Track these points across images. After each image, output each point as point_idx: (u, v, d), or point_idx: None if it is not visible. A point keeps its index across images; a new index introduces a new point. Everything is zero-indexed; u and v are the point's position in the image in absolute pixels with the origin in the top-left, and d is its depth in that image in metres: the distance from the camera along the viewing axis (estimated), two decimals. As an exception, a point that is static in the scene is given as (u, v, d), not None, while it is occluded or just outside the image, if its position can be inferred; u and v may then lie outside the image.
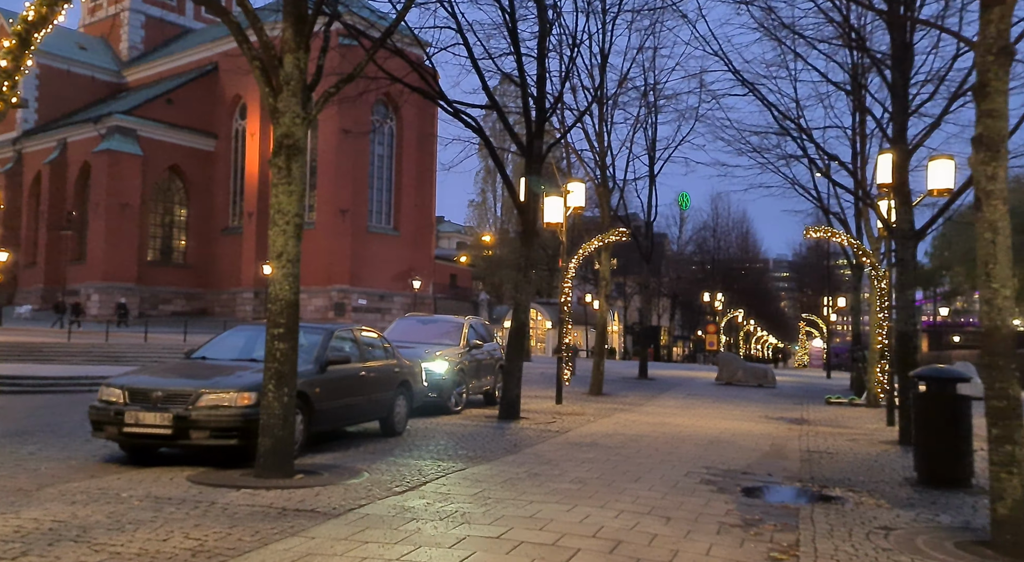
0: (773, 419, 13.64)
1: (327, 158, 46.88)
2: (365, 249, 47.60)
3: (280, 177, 6.77)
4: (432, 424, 10.92)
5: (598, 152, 17.48)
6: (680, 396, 17.76)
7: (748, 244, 61.05)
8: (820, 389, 22.13)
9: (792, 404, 16.93)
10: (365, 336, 9.50)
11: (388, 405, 9.40)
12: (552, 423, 11.55)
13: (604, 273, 17.15)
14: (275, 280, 6.72)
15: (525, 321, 12.00)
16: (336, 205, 46.48)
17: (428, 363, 12.00)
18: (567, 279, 14.85)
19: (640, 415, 13.34)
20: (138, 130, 46.82)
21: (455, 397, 12.39)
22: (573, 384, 19.18)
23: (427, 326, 13.78)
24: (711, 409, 15.01)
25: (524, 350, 11.98)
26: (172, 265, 49.85)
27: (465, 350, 13.04)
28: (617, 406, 14.82)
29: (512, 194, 11.89)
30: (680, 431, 11.16)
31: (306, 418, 7.53)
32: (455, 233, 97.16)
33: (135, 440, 6.84)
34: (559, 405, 14.42)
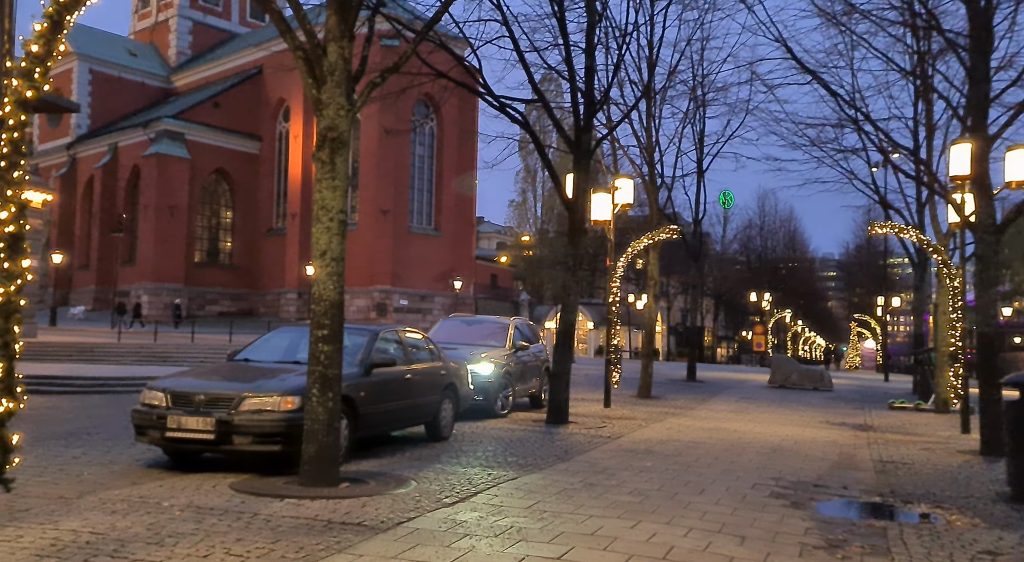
0: (835, 425, 12.98)
1: (369, 158, 47.08)
2: (406, 249, 47.68)
3: (324, 172, 6.49)
4: (478, 428, 10.58)
5: (645, 148, 16.95)
6: (732, 400, 17.12)
7: (796, 243, 59.45)
8: (880, 393, 21.19)
9: (853, 409, 16.17)
10: (410, 337, 9.20)
11: (434, 409, 9.09)
12: (602, 428, 11.11)
13: (652, 272, 16.61)
14: (319, 280, 6.44)
15: (573, 322, 11.59)
16: (378, 205, 46.65)
17: (473, 365, 11.67)
18: (615, 278, 14.38)
19: (693, 420, 12.81)
20: (186, 134, 47.69)
21: (501, 400, 12.04)
22: (620, 386, 18.68)
23: (472, 327, 13.46)
24: (767, 414, 14.38)
25: (572, 352, 11.55)
26: (218, 266, 50.67)
27: (511, 352, 12.68)
28: (668, 410, 14.30)
29: (559, 191, 11.48)
30: (739, 437, 10.61)
31: (351, 423, 7.25)
32: (495, 233, 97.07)
33: (178, 445, 6.64)
34: (607, 409, 13.96)
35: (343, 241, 6.52)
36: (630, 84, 16.38)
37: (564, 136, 11.54)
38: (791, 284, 56.68)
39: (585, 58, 11.50)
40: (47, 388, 14.36)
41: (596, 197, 13.91)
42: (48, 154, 56.09)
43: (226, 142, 49.92)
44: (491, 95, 11.20)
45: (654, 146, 17.18)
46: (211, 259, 50.61)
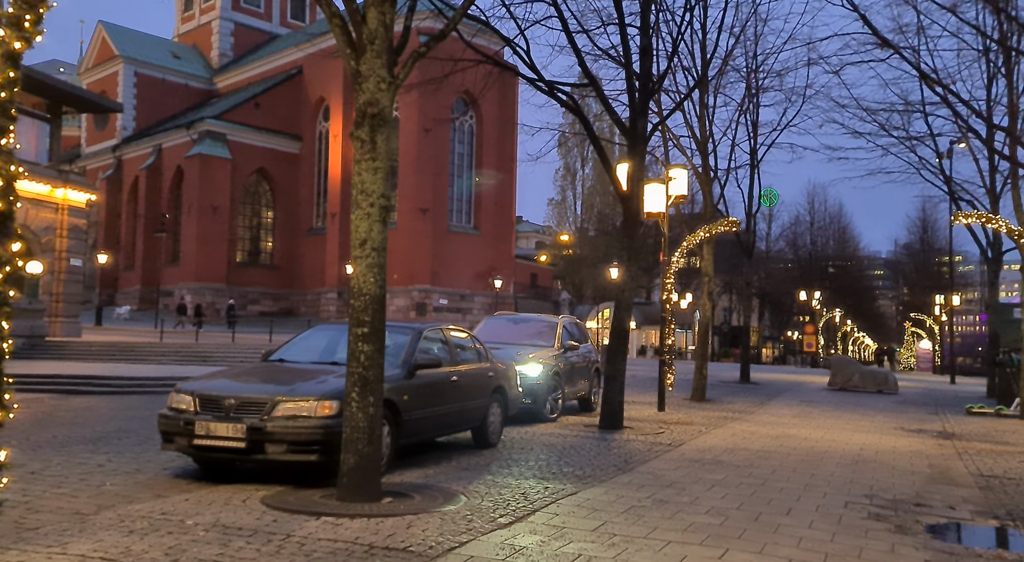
0: (912, 432, 11.96)
1: (408, 156, 46.79)
2: (446, 248, 47.27)
3: (363, 152, 5.86)
4: (528, 434, 9.89)
5: (699, 138, 16.05)
6: (793, 403, 16.12)
7: (845, 240, 57.43)
8: (950, 396, 19.89)
9: (926, 413, 15.04)
10: (456, 337, 8.55)
11: (481, 413, 8.42)
12: (660, 434, 10.32)
13: (707, 269, 15.71)
14: (358, 272, 5.82)
15: (628, 321, 10.81)
16: (417, 204, 46.32)
17: (521, 366, 10.97)
18: (670, 275, 13.54)
19: (756, 425, 11.91)
20: (227, 134, 48.02)
21: (551, 403, 11.33)
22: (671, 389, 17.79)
23: (518, 326, 12.77)
24: (835, 419, 13.39)
25: (626, 353, 10.78)
26: (259, 266, 50.96)
27: (560, 352, 11.96)
28: (726, 414, 13.41)
29: (613, 180, 10.72)
30: (811, 446, 9.72)
31: (393, 430, 6.62)
32: (533, 233, 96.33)
33: (207, 453, 6.07)
34: (662, 413, 13.14)
35: (385, 229, 5.89)
36: (683, 71, 15.52)
37: (617, 121, 10.78)
38: (842, 282, 54.71)
39: (640, 38, 10.72)
40: (86, 388, 14.13)
41: (649, 188, 13.10)
42: (95, 156, 57.18)
43: (267, 142, 50.17)
44: (539, 78, 10.49)
45: (708, 136, 16.28)
46: (252, 259, 50.91)
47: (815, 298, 44.57)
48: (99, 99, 29.51)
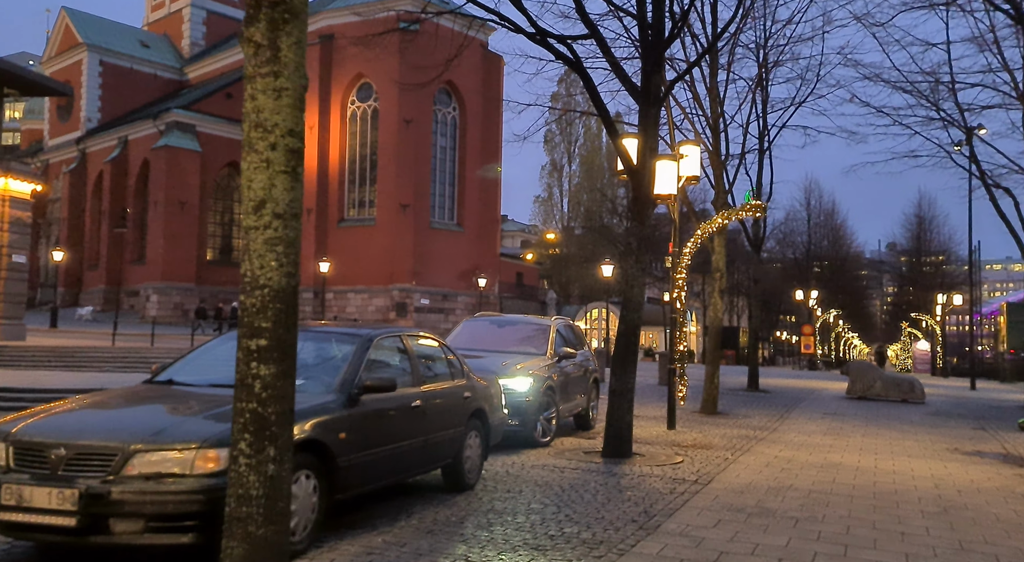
0: (970, 455, 10.05)
1: (388, 150, 44.61)
2: (428, 246, 45.15)
3: (259, 63, 3.77)
4: (516, 466, 7.84)
5: (710, 114, 14.11)
6: (816, 416, 14.19)
7: (840, 238, 55.89)
8: (983, 406, 18.07)
9: (970, 429, 13.16)
10: (421, 346, 6.48)
11: (455, 447, 6.37)
12: (678, 464, 8.32)
13: (719, 263, 13.75)
14: (253, 253, 3.73)
15: (638, 323, 8.79)
16: (397, 200, 44.16)
17: (507, 379, 8.95)
18: (681, 269, 11.54)
19: (788, 448, 9.94)
20: (197, 126, 45.59)
21: (543, 424, 9.30)
22: (675, 399, 15.81)
23: (503, 330, 10.73)
24: (873, 438, 11.45)
25: (635, 361, 8.76)
26: (232, 264, 48.53)
27: (553, 361, 9.93)
28: (746, 432, 11.44)
29: (620, 151, 8.71)
30: (872, 481, 7.75)
31: (323, 483, 4.56)
32: (519, 232, 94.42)
33: (21, 534, 3.95)
34: (672, 431, 11.16)
35: (297, 185, 3.77)
36: (691, 38, 13.53)
37: (625, 79, 8.76)
38: (838, 282, 53.14)
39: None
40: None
41: (660, 165, 11.08)
42: (59, 149, 54.47)
43: (240, 134, 47.65)
44: (533, 25, 8.44)
45: (720, 113, 14.33)
46: (224, 257, 48.50)
47: (812, 297, 42.88)
48: (45, 81, 27.10)
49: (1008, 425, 13.56)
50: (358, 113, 46.50)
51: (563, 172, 73.77)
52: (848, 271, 57.73)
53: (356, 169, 46.46)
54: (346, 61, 45.21)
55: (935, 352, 44.51)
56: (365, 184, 46.25)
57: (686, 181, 11.68)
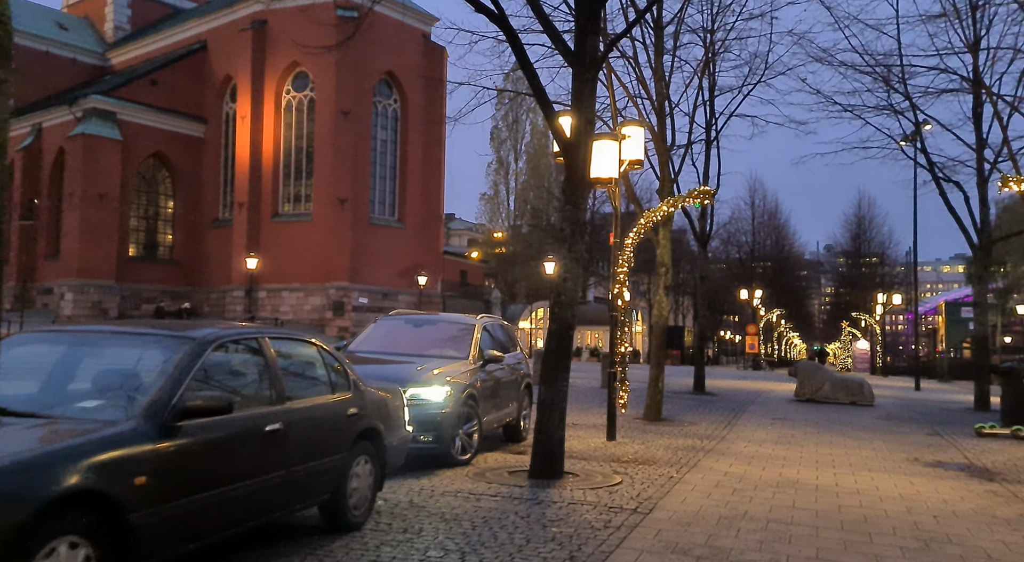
0: (932, 466, 9.20)
1: (325, 142, 42.68)
2: (367, 243, 43.39)
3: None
4: (423, 493, 6.55)
5: (655, 97, 13.06)
6: (766, 422, 13.30)
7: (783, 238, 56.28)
8: (933, 408, 17.55)
9: (926, 435, 12.43)
10: (290, 351, 5.12)
11: (335, 477, 5.04)
12: (616, 486, 7.16)
13: (664, 257, 12.71)
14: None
15: (572, 322, 7.60)
16: (335, 194, 42.28)
17: (419, 389, 7.66)
18: (623, 262, 10.42)
19: (739, 462, 8.92)
20: (118, 113, 42.77)
21: (463, 440, 8.02)
22: (618, 404, 14.75)
23: (421, 330, 9.42)
24: (828, 447, 10.55)
25: (568, 366, 7.57)
26: (157, 261, 45.82)
27: (477, 365, 8.67)
28: (693, 442, 10.40)
29: (552, 126, 7.51)
30: (836, 504, 6.73)
31: (102, 551, 3.17)
32: (466, 230, 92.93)
33: None
34: (613, 442, 10.04)
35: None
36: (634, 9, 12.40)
37: (556, 38, 7.57)
38: (781, 282, 53.45)
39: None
40: None
41: (599, 146, 9.94)
42: (-32, 137, 50.58)
43: (166, 123, 45.06)
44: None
45: (665, 94, 13.30)
46: (148, 253, 45.73)
47: (756, 297, 42.75)
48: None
49: (962, 430, 12.89)
50: (294, 103, 44.41)
51: (510, 170, 72.65)
52: (790, 271, 58.22)
53: (291, 162, 44.37)
54: (281, 49, 43.10)
55: (875, 351, 44.93)
56: (301, 177, 44.20)
57: (629, 165, 10.58)
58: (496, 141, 71.49)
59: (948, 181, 16.23)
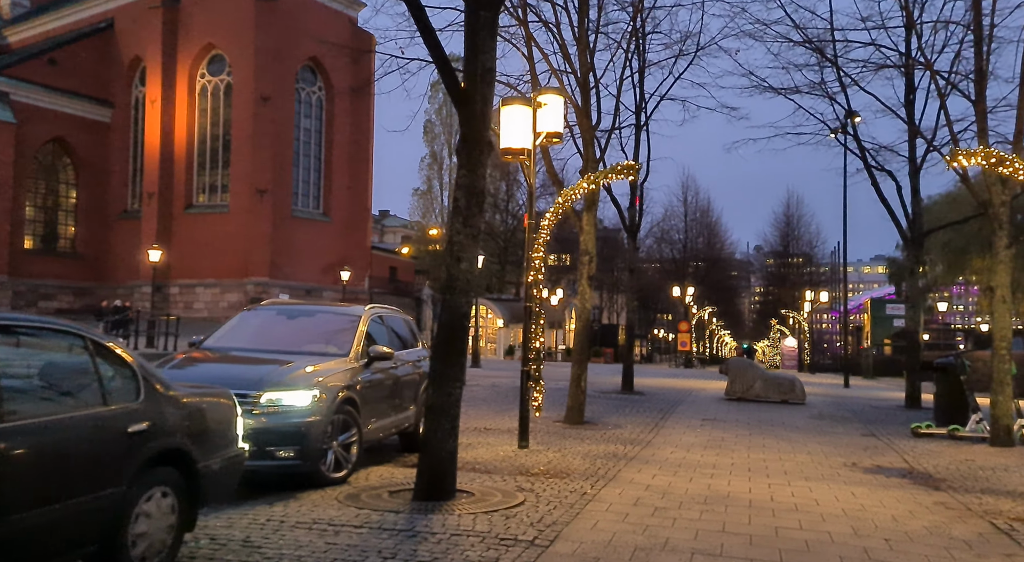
0: (873, 472, 8.34)
1: (243, 130, 40.34)
2: (289, 236, 41.26)
3: None
4: (268, 525, 5.17)
5: (579, 68, 11.93)
6: (695, 424, 12.35)
7: (715, 236, 56.59)
8: (863, 405, 17.05)
9: (860, 434, 11.69)
10: (30, 345, 3.67)
11: (105, 521, 3.62)
12: (516, 508, 5.94)
13: (588, 244, 11.59)
14: None
15: (465, 311, 6.33)
16: (253, 184, 40.00)
17: (279, 392, 6.27)
18: (538, 248, 9.23)
19: (664, 471, 7.84)
20: (11, 94, 39.35)
21: (337, 453, 6.65)
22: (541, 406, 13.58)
23: (295, 322, 8.00)
24: (760, 451, 9.62)
25: (462, 364, 6.30)
26: (57, 255, 42.49)
27: (360, 364, 7.31)
28: (615, 448, 9.30)
29: (442, 71, 6.20)
30: (771, 525, 5.68)
31: None
32: (401, 227, 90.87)
33: None
34: (525, 450, 8.84)
35: None
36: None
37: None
38: (713, 279, 53.64)
39: None
40: None
41: (510, 112, 8.73)
42: None
43: (67, 106, 41.78)
44: None
45: (590, 66, 12.20)
46: (47, 246, 42.36)
47: (688, 294, 42.52)
48: None
49: (897, 429, 12.23)
50: (209, 88, 41.84)
51: (443, 165, 71.21)
52: (721, 269, 58.62)
53: (207, 150, 41.80)
54: (195, 29, 40.52)
55: (802, 348, 45.40)
56: (217, 167, 41.68)
57: (547, 138, 9.39)
58: (429, 135, 69.87)
59: (881, 170, 15.78)
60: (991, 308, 10.22)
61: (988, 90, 10.55)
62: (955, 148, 7.73)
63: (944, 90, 11.15)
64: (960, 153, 7.44)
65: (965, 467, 8.81)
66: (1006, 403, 9.80)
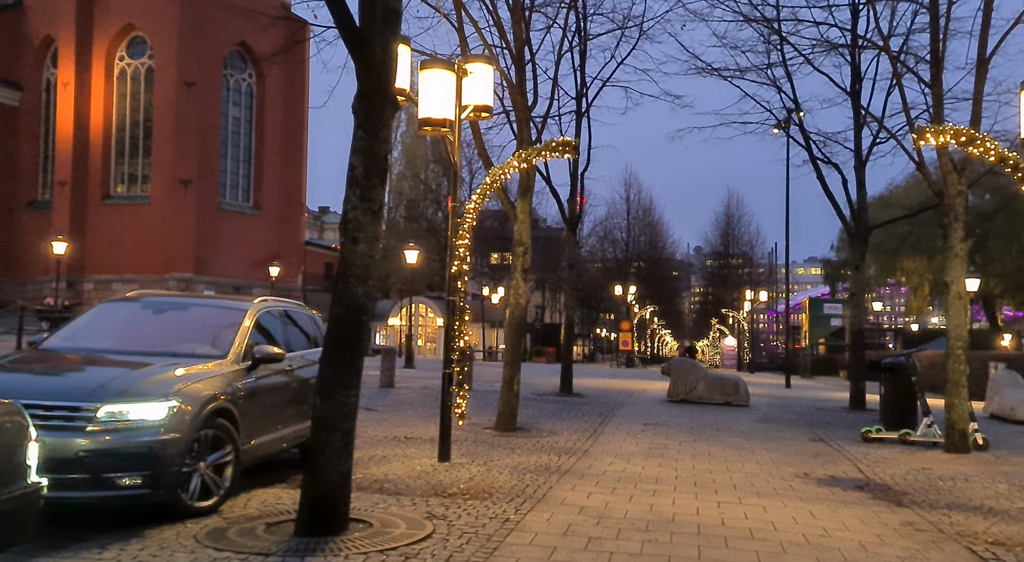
0: (828, 484, 7.57)
1: (165, 117, 38.03)
2: (216, 230, 39.12)
3: None
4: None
5: (513, 41, 10.91)
6: (636, 429, 11.47)
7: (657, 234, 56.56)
8: (806, 407, 16.53)
9: (808, 440, 11.00)
10: None
11: None
12: (420, 544, 4.87)
13: (522, 234, 10.56)
14: None
15: (361, 302, 5.19)
16: (176, 175, 37.73)
17: (123, 405, 5.03)
18: (463, 233, 8.15)
19: (601, 488, 6.87)
20: None
21: (206, 478, 5.42)
22: (469, 409, 12.50)
23: (163, 317, 6.71)
24: (706, 461, 8.77)
25: (357, 368, 5.15)
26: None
27: (242, 367, 6.10)
28: (548, 460, 8.31)
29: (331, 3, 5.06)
30: (727, 559, 4.73)
31: None
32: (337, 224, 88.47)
33: None
34: (446, 464, 7.76)
35: None
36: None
37: None
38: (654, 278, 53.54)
39: None
40: None
41: (429, 77, 7.63)
42: None
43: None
44: None
45: (525, 40, 11.18)
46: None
47: (630, 293, 42.08)
48: None
49: (845, 433, 11.61)
50: (128, 71, 39.31)
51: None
52: (663, 269, 58.71)
53: (126, 137, 39.27)
54: (113, 8, 37.98)
55: (742, 348, 45.56)
56: (137, 155, 39.21)
57: (475, 112, 8.31)
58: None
59: (827, 162, 15.31)
60: (946, 304, 9.63)
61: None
62: (923, 125, 7.03)
63: (900, 71, 10.56)
64: (928, 130, 6.72)
65: (923, 477, 8.12)
66: (962, 406, 9.20)
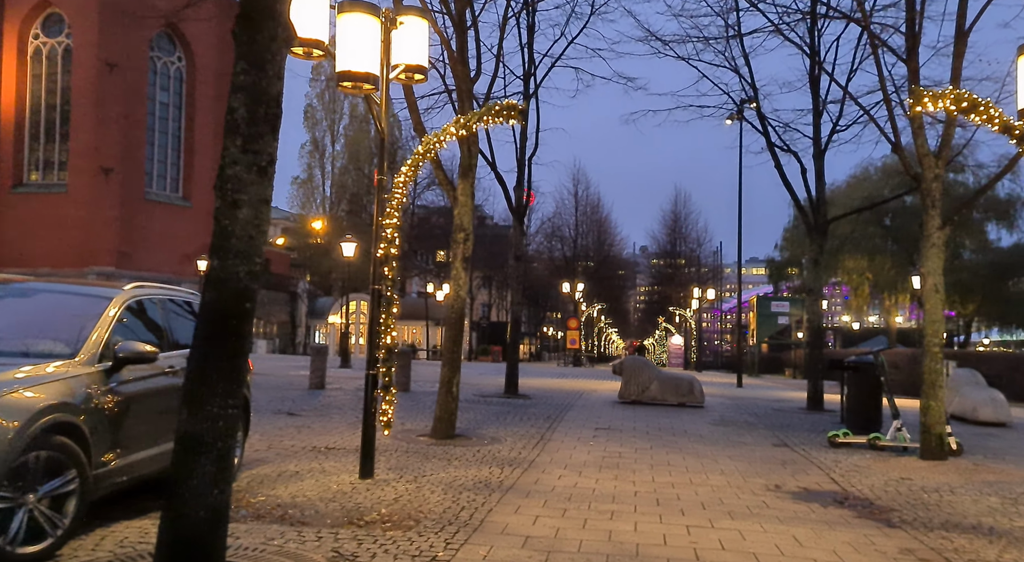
0: (803, 498, 6.70)
1: (85, 100, 35.49)
2: (141, 221, 36.78)
3: None
4: None
5: (453, 4, 9.78)
6: (587, 434, 10.48)
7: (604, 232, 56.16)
8: (763, 407, 15.85)
9: (772, 446, 10.19)
10: None
11: None
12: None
13: (464, 218, 9.41)
14: None
15: (243, 285, 3.98)
16: (97, 162, 35.26)
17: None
18: (391, 210, 6.99)
19: (549, 510, 5.82)
20: None
21: (38, 513, 4.14)
22: (404, 413, 11.36)
23: (9, 304, 5.36)
24: (667, 472, 7.83)
25: (239, 370, 3.94)
26: None
27: (97, 369, 4.81)
28: (488, 473, 7.22)
29: None
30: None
31: None
32: (281, 219, 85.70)
33: None
34: (368, 481, 6.62)
35: None
36: None
37: None
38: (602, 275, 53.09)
39: None
40: None
41: (348, 23, 6.45)
42: None
43: None
44: None
45: (466, 1, 10.05)
46: None
47: (578, 291, 41.36)
48: None
49: (808, 437, 10.87)
50: (43, 50, 36.61)
51: (326, 153, 67.44)
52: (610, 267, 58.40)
53: (40, 121, 36.58)
54: (27, -20, 35.27)
55: (688, 346, 45.39)
56: (54, 141, 36.55)
57: (406, 73, 7.16)
58: (310, 121, 65.96)
59: (786, 150, 14.69)
60: (922, 298, 8.89)
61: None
62: (918, 88, 6.23)
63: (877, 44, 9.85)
64: (926, 94, 5.91)
65: (905, 489, 7.34)
66: (938, 409, 8.49)
